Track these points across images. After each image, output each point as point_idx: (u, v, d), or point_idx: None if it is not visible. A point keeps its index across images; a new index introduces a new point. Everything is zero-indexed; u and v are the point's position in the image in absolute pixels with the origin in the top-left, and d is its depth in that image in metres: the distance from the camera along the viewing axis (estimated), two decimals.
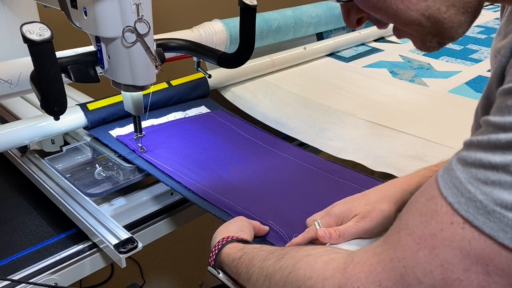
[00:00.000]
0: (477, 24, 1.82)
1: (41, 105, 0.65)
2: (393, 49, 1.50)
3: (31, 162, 0.90)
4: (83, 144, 0.93)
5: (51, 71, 0.61)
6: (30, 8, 1.09)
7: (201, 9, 2.08)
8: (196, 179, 0.80)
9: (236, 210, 0.72)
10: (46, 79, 0.61)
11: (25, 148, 0.92)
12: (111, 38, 0.68)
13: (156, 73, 0.74)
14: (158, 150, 0.88)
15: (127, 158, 0.86)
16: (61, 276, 0.71)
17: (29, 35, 0.58)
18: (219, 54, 0.86)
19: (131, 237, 0.71)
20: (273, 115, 1.05)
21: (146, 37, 0.69)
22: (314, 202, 0.75)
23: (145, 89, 0.75)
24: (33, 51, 0.59)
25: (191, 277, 1.67)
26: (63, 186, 0.82)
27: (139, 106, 0.80)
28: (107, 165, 0.88)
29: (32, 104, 1.04)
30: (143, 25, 0.68)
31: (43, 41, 0.58)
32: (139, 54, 0.70)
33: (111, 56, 0.71)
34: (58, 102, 0.64)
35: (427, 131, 0.95)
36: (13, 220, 0.81)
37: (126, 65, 0.71)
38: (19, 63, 0.86)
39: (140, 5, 0.67)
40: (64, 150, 0.90)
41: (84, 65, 0.71)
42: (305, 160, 0.87)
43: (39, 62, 0.60)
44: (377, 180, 0.80)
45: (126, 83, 0.73)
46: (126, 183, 0.82)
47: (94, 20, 0.66)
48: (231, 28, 1.19)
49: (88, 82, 0.72)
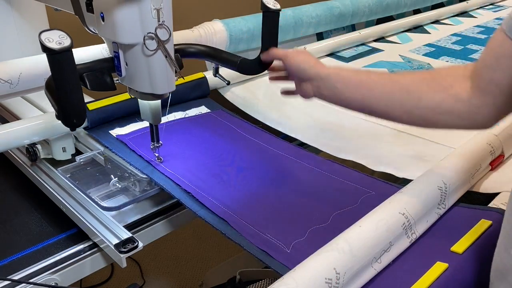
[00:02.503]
0: (477, 24, 1.82)
1: (58, 116, 0.61)
2: (393, 49, 1.50)
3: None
4: (97, 153, 0.89)
5: (70, 81, 0.58)
6: (39, 11, 1.08)
7: (201, 9, 2.08)
8: (195, 181, 0.80)
9: (232, 220, 0.70)
10: (65, 90, 0.58)
11: (35, 156, 0.89)
12: (130, 44, 0.65)
13: (176, 80, 0.71)
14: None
15: (144, 172, 0.81)
16: (61, 276, 0.71)
17: (48, 43, 0.55)
18: (239, 60, 0.83)
19: (132, 237, 0.71)
20: (273, 115, 1.05)
21: (166, 43, 0.66)
22: (314, 202, 0.75)
23: (163, 98, 0.72)
24: (52, 60, 0.56)
25: (191, 277, 1.67)
26: (66, 188, 0.81)
27: (157, 115, 0.77)
28: (122, 176, 0.83)
29: (32, 104, 1.04)
30: (163, 31, 0.65)
31: (63, 50, 0.55)
32: (159, 61, 0.67)
33: (129, 63, 0.68)
34: (77, 114, 0.61)
35: (427, 131, 0.95)
36: (13, 220, 0.81)
37: (145, 72, 0.68)
38: (19, 63, 0.86)
39: (161, 10, 0.64)
40: (78, 160, 0.87)
41: (100, 72, 0.68)
42: (305, 160, 0.87)
43: (58, 72, 0.57)
44: (377, 180, 0.80)
45: (144, 91, 0.70)
46: (144, 196, 0.79)
47: (113, 26, 0.63)
48: (231, 28, 1.19)
49: (105, 90, 0.69)
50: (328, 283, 0.51)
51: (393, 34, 1.64)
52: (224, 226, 0.70)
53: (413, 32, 1.69)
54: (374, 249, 0.57)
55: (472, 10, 2.02)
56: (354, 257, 0.54)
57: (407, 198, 0.65)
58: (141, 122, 0.99)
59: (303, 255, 0.55)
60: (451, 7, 1.91)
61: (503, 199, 0.72)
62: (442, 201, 0.68)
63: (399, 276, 0.58)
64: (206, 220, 0.71)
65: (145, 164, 0.83)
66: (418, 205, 0.64)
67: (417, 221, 0.63)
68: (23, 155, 0.92)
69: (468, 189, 0.75)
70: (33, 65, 0.87)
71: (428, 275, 0.57)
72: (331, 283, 0.51)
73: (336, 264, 0.53)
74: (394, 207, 0.63)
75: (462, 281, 0.59)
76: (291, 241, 0.66)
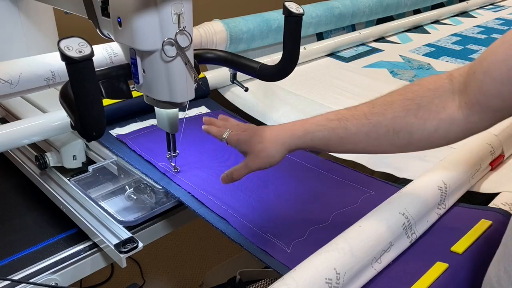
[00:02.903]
0: (477, 24, 1.82)
1: (75, 127, 0.58)
2: (393, 49, 1.50)
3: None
4: (110, 162, 0.86)
5: (91, 91, 0.54)
6: (46, 15, 1.07)
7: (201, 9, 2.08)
8: (195, 182, 0.80)
9: (232, 219, 0.70)
10: (85, 101, 0.55)
11: (44, 164, 0.86)
12: (149, 51, 0.62)
13: (195, 88, 0.68)
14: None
15: (160, 183, 0.79)
16: (61, 276, 0.71)
17: (68, 52, 0.51)
18: (259, 66, 0.80)
19: (132, 237, 0.71)
20: (273, 115, 1.05)
21: (187, 50, 0.63)
22: (314, 202, 0.75)
23: (182, 106, 0.69)
24: (72, 70, 0.52)
25: (191, 277, 1.67)
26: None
27: (175, 124, 0.74)
28: (138, 187, 0.80)
29: (32, 104, 1.04)
30: (184, 37, 0.62)
31: (84, 59, 0.52)
32: (179, 68, 0.64)
33: (146, 70, 0.65)
34: (97, 127, 0.57)
35: None
36: (13, 220, 0.81)
37: (163, 80, 0.65)
38: (19, 63, 0.86)
39: (182, 15, 0.60)
40: (91, 170, 0.84)
41: (116, 79, 0.65)
42: (305, 160, 0.87)
43: (78, 82, 0.53)
44: (377, 180, 0.80)
45: (162, 100, 0.67)
46: (161, 209, 0.76)
47: (131, 32, 0.60)
48: (231, 28, 1.19)
49: (120, 98, 0.67)
50: (328, 283, 0.51)
51: (393, 34, 1.64)
52: (224, 225, 0.70)
53: (413, 32, 1.69)
54: (374, 249, 0.57)
55: (472, 10, 2.02)
56: (354, 257, 0.54)
57: (407, 198, 0.65)
58: (141, 122, 0.99)
59: (303, 255, 0.55)
60: (451, 7, 1.91)
61: (503, 199, 0.72)
62: (442, 201, 0.68)
63: (399, 276, 0.58)
64: (206, 219, 0.71)
65: (160, 175, 0.81)
66: (418, 205, 0.64)
67: (417, 221, 0.63)
68: (32, 163, 0.90)
69: (468, 189, 0.74)
70: (33, 65, 0.87)
71: (428, 275, 0.57)
72: (331, 283, 0.51)
73: (336, 264, 0.53)
74: (394, 207, 0.63)
75: (462, 281, 0.59)
76: (291, 240, 0.66)
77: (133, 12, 0.58)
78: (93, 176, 0.84)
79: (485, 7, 2.08)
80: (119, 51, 0.97)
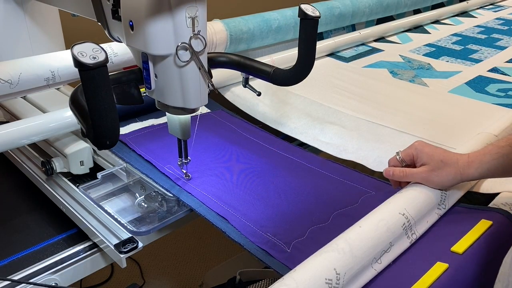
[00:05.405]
0: (477, 24, 1.82)
1: (87, 135, 0.55)
2: (393, 49, 1.50)
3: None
4: (119, 169, 0.84)
5: (105, 99, 0.52)
6: (52, 16, 1.06)
7: None
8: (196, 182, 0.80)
9: (233, 219, 0.70)
10: (99, 109, 0.52)
11: (51, 170, 0.85)
12: (162, 55, 0.60)
13: (208, 93, 0.66)
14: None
15: (171, 192, 0.77)
16: (61, 276, 0.71)
17: (81, 58, 0.49)
18: (272, 70, 0.78)
19: (132, 237, 0.71)
20: (273, 115, 1.05)
21: (201, 55, 0.61)
22: (314, 202, 0.75)
23: (195, 112, 0.67)
24: (86, 77, 0.50)
25: (191, 277, 1.67)
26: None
27: (187, 130, 0.72)
28: (150, 195, 0.78)
29: (32, 104, 1.04)
30: (198, 41, 0.60)
31: (98, 65, 0.50)
32: (192, 73, 0.62)
33: (158, 75, 0.63)
34: (111, 135, 0.55)
35: (427, 131, 0.95)
36: (13, 220, 0.81)
37: (176, 85, 0.63)
38: (19, 63, 0.86)
39: (196, 19, 0.59)
40: (100, 177, 0.81)
41: (126, 84, 0.64)
42: (305, 160, 0.87)
43: (92, 89, 0.51)
44: (377, 180, 0.80)
45: (175, 106, 0.65)
46: (175, 218, 0.74)
47: (143, 36, 0.58)
48: (231, 28, 1.19)
49: (131, 104, 0.65)
50: (328, 283, 0.51)
51: (393, 34, 1.64)
52: (224, 224, 0.70)
53: (413, 32, 1.69)
54: (374, 249, 0.57)
55: (472, 10, 2.02)
56: (354, 258, 0.54)
57: (407, 198, 0.65)
58: (141, 122, 0.99)
59: (303, 255, 0.55)
60: (451, 7, 1.91)
61: (503, 199, 0.72)
62: (442, 201, 0.68)
63: (400, 277, 0.58)
64: (207, 218, 0.71)
65: (171, 183, 0.79)
66: (418, 205, 0.64)
67: (417, 222, 0.63)
68: (38, 168, 0.89)
69: (468, 189, 0.74)
70: (33, 65, 0.87)
71: (429, 275, 0.57)
72: (331, 284, 0.51)
73: (336, 264, 0.53)
74: (394, 207, 0.63)
75: (463, 281, 0.59)
76: (291, 240, 0.66)
77: (146, 15, 0.57)
78: (101, 183, 0.82)
79: (485, 7, 2.08)
80: (120, 51, 0.97)
